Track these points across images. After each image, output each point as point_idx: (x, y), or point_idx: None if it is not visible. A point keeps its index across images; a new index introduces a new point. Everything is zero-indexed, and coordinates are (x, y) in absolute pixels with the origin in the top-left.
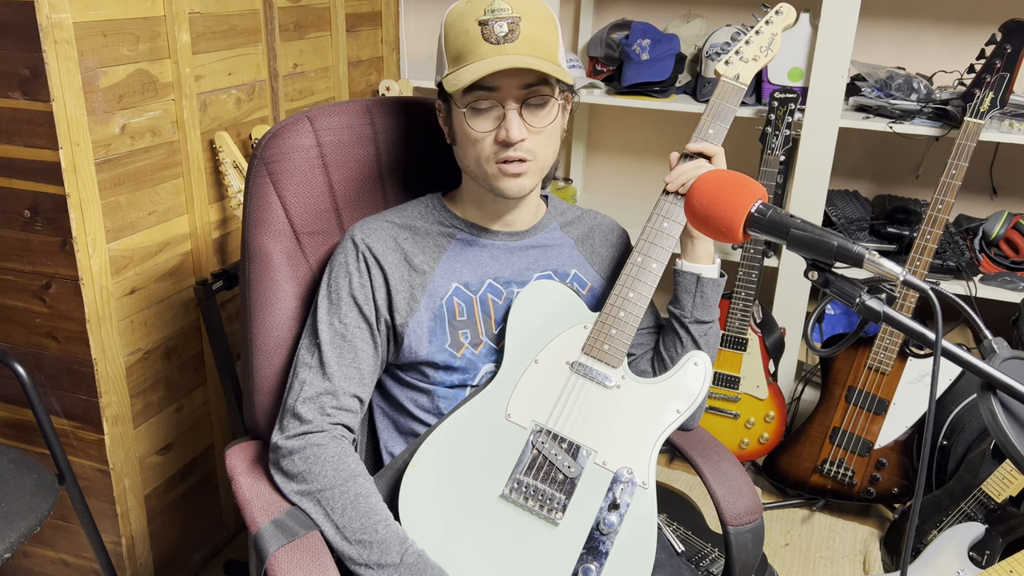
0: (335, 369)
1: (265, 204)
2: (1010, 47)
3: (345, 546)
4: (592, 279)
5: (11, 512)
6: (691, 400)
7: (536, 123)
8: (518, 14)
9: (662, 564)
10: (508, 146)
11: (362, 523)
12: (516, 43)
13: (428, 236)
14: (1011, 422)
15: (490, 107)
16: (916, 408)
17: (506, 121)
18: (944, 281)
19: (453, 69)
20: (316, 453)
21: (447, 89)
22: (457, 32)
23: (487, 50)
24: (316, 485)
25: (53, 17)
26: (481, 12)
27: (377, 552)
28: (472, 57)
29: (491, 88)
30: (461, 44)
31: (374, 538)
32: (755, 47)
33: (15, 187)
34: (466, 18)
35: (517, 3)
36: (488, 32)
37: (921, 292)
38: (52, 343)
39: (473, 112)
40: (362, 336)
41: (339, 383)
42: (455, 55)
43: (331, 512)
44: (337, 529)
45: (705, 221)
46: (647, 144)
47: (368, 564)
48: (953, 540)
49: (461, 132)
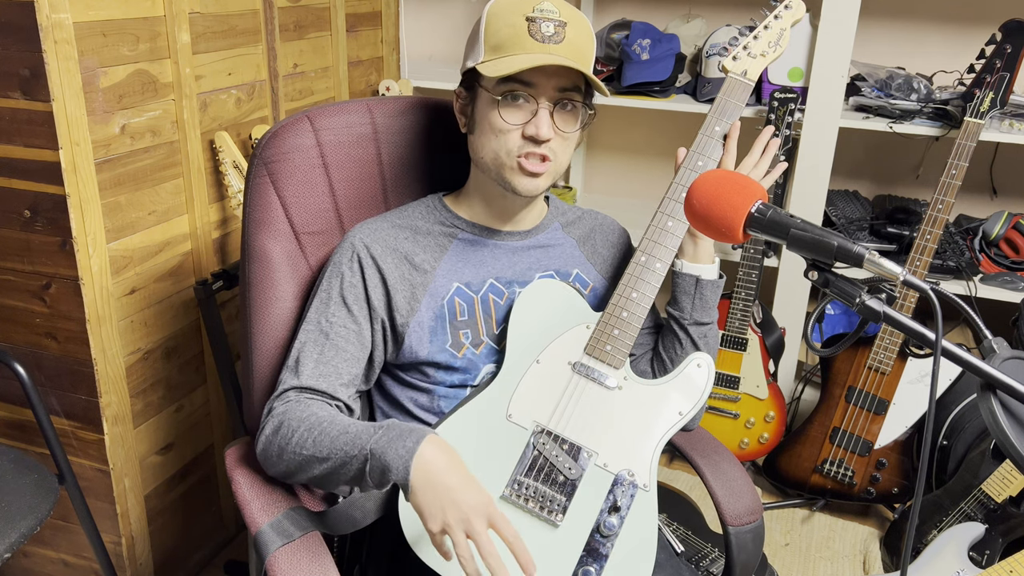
0: (310, 368)
1: (265, 204)
2: (1010, 47)
3: (328, 464)
4: (594, 279)
5: (11, 512)
6: (693, 402)
7: (564, 127)
8: (565, 19)
9: (662, 564)
10: (535, 142)
11: (333, 434)
12: (560, 45)
13: (429, 236)
14: (1011, 422)
15: (524, 101)
16: (916, 408)
17: (537, 118)
18: (944, 281)
19: (492, 57)
20: (280, 420)
21: (485, 74)
22: (501, 23)
23: (532, 46)
24: (289, 443)
25: (53, 17)
26: (530, 9)
27: (354, 441)
28: (515, 50)
29: (528, 84)
30: (505, 35)
31: (348, 437)
32: (763, 42)
33: (15, 187)
34: (513, 12)
35: (564, 9)
36: (535, 29)
37: (921, 292)
38: (52, 343)
39: (506, 102)
40: (347, 336)
41: (308, 381)
42: (496, 44)
43: (304, 448)
44: (316, 458)
45: (705, 221)
46: (647, 144)
47: (351, 455)
48: (953, 540)
49: (486, 121)
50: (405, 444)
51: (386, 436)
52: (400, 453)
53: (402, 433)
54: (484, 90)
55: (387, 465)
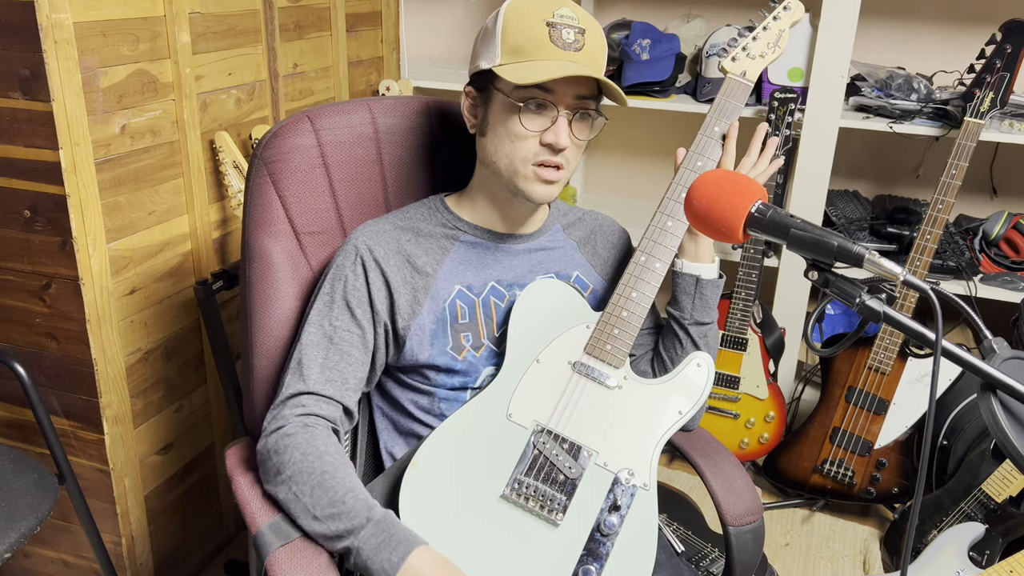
0: (316, 373)
1: (265, 204)
2: (1010, 47)
3: (317, 525)
4: (594, 281)
5: (11, 512)
6: (693, 401)
7: (580, 135)
8: (584, 26)
9: (662, 564)
10: (552, 151)
11: (329, 498)
12: (581, 53)
13: (431, 238)
14: (1011, 422)
15: (544, 109)
16: (916, 408)
17: (556, 126)
18: (944, 281)
19: (511, 61)
20: (286, 444)
21: (507, 78)
22: (520, 26)
23: (554, 52)
24: (287, 473)
25: (53, 17)
26: (550, 14)
27: (345, 521)
28: (536, 55)
29: (548, 90)
30: (524, 39)
31: (341, 510)
32: (762, 43)
33: (15, 187)
34: (531, 15)
35: (582, 16)
36: (556, 35)
37: (921, 292)
38: (52, 343)
39: (528, 110)
40: (351, 341)
41: (315, 386)
42: (514, 47)
43: (300, 495)
44: (308, 511)
45: (705, 221)
46: (647, 144)
47: (338, 535)
48: (953, 540)
49: (502, 125)
50: (391, 558)
51: (375, 538)
52: (384, 567)
53: (391, 539)
54: (501, 93)
55: (369, 571)
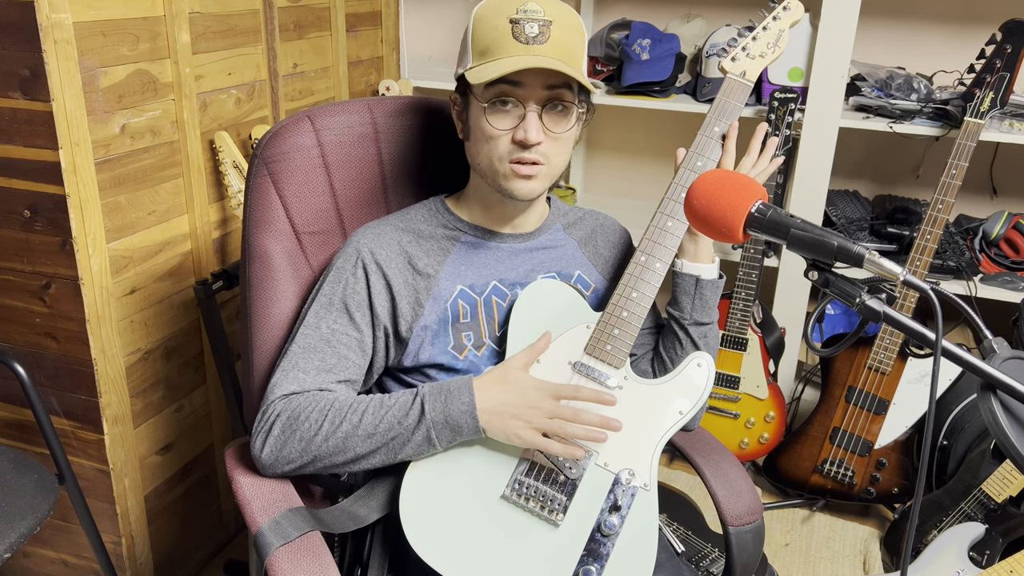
0: (312, 375)
1: (265, 204)
2: (1010, 47)
3: (374, 443)
4: (596, 280)
5: (11, 512)
6: (694, 401)
7: (554, 128)
8: (550, 18)
9: (662, 564)
10: (524, 147)
11: (373, 408)
12: (545, 45)
13: (432, 239)
14: (1011, 422)
15: (512, 106)
16: (916, 408)
17: (525, 122)
18: (944, 281)
19: (478, 63)
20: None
21: (471, 81)
22: (486, 27)
23: (516, 48)
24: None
25: (53, 17)
26: (513, 11)
27: (405, 419)
28: (499, 53)
29: (516, 85)
30: (490, 40)
31: (390, 409)
32: (762, 43)
33: (15, 187)
34: (497, 14)
35: (550, 7)
36: (519, 31)
37: (921, 292)
38: (52, 343)
39: (493, 108)
40: (348, 344)
41: (310, 388)
42: (482, 49)
43: (338, 430)
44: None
45: (705, 221)
46: (647, 144)
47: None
48: (953, 540)
49: (477, 128)
50: (460, 405)
51: (436, 403)
52: (462, 413)
53: (449, 393)
54: (474, 97)
55: (457, 428)
